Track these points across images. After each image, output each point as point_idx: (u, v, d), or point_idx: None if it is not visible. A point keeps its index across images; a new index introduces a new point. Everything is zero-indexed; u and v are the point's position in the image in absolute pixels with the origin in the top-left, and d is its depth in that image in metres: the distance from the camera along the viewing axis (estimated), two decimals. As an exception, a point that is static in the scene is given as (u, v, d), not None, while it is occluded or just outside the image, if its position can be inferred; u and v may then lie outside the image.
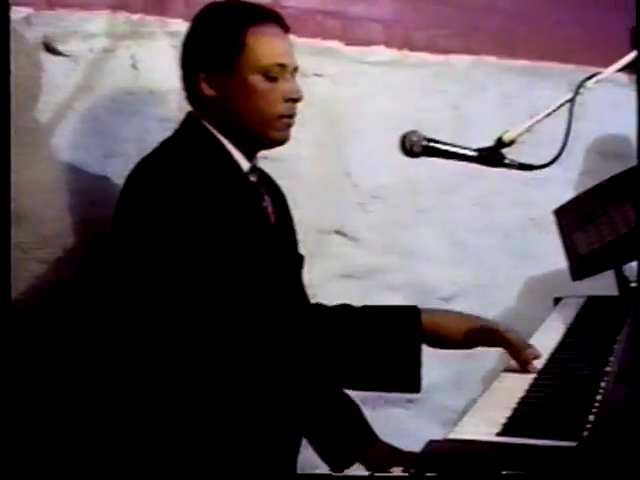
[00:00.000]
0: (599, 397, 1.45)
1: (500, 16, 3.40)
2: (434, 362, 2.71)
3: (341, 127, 3.00)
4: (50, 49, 2.35)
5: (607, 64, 2.09)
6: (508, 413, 1.43)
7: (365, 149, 3.05)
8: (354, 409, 2.29)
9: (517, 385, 1.60)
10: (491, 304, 3.21)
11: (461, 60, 3.32)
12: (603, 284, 2.47)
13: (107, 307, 2.16)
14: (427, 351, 1.86)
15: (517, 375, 1.70)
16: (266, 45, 2.02)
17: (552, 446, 1.25)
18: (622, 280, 2.09)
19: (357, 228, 3.07)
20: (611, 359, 1.70)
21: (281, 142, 2.09)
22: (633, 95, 3.51)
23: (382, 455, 2.20)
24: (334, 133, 2.99)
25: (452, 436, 1.32)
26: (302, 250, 2.31)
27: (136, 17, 2.50)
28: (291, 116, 2.07)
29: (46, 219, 2.31)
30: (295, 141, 2.80)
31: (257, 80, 2.01)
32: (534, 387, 1.59)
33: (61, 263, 2.33)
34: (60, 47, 2.36)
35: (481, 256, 3.37)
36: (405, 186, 3.17)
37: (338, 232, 3.03)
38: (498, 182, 3.28)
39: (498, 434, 1.33)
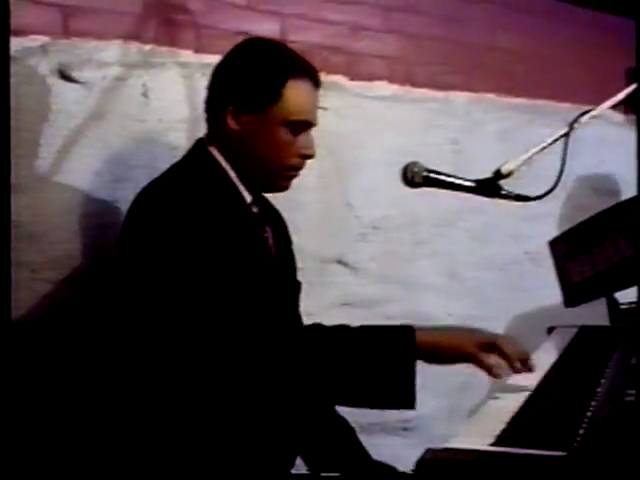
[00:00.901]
0: (589, 414, 1.51)
1: (500, 55, 3.50)
2: (430, 393, 2.77)
3: (344, 159, 3.07)
4: (65, 76, 2.41)
5: (602, 103, 2.16)
6: (502, 426, 1.49)
7: (367, 181, 3.12)
8: (350, 434, 2.33)
9: (511, 402, 1.65)
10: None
11: (461, 97, 3.41)
12: (596, 316, 2.53)
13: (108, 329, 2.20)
14: (424, 383, 1.90)
15: (512, 394, 1.76)
16: (300, 101, 2.08)
17: (543, 455, 1.30)
18: (612, 303, 2.15)
19: (357, 258, 3.13)
20: (602, 381, 1.75)
21: (281, 190, 2.17)
22: (627, 133, 3.62)
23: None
24: (337, 165, 3.06)
25: (449, 445, 1.39)
26: (303, 278, 2.35)
27: (148, 47, 2.57)
28: (299, 169, 2.14)
29: (56, 241, 2.36)
30: (298, 172, 2.87)
31: (282, 131, 2.07)
32: (527, 404, 1.65)
33: (69, 284, 2.37)
34: (74, 74, 2.42)
35: (477, 288, 3.43)
36: (405, 218, 3.24)
37: (339, 261, 3.09)
38: (495, 217, 3.36)
39: (492, 444, 1.39)
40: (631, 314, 2.04)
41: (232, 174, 2.10)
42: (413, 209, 3.21)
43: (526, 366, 1.90)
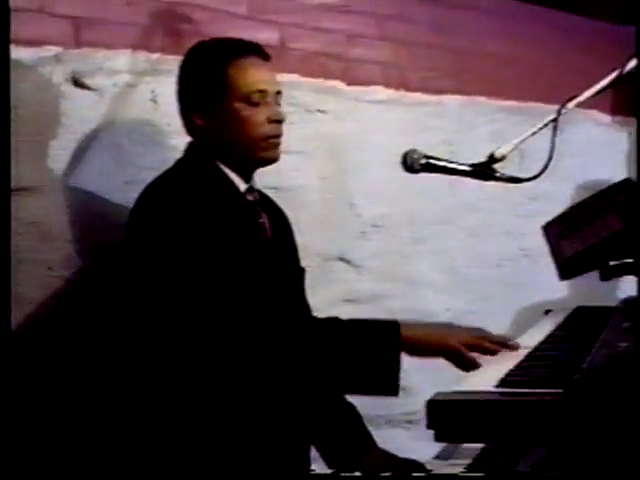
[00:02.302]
0: (585, 364, 1.61)
1: (489, 60, 3.62)
2: (432, 386, 2.83)
3: (344, 160, 3.18)
4: (78, 83, 2.52)
5: (589, 105, 2.29)
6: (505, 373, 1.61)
7: (366, 181, 3.22)
8: (355, 416, 2.41)
9: (512, 359, 1.76)
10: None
11: (453, 100, 3.53)
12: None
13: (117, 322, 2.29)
14: (425, 377, 2.01)
15: (513, 352, 1.88)
16: (245, 75, 2.19)
17: (542, 392, 1.41)
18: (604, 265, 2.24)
19: (359, 255, 3.22)
20: (597, 344, 1.85)
21: (271, 161, 2.24)
22: (614, 133, 3.74)
23: (379, 460, 2.32)
24: (337, 165, 3.17)
25: (456, 389, 1.50)
26: (307, 275, 2.43)
27: (155, 56, 2.69)
28: (277, 136, 2.22)
29: (72, 240, 2.46)
30: (301, 173, 2.99)
31: (240, 107, 2.18)
32: (527, 357, 1.76)
33: (84, 282, 2.47)
34: (87, 82, 2.53)
35: (474, 284, 3.53)
36: (404, 216, 3.34)
37: (341, 259, 3.19)
38: (491, 214, 3.48)
39: (496, 386, 1.50)
40: (620, 269, 2.14)
41: (223, 166, 2.21)
42: (412, 207, 3.32)
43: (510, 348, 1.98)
